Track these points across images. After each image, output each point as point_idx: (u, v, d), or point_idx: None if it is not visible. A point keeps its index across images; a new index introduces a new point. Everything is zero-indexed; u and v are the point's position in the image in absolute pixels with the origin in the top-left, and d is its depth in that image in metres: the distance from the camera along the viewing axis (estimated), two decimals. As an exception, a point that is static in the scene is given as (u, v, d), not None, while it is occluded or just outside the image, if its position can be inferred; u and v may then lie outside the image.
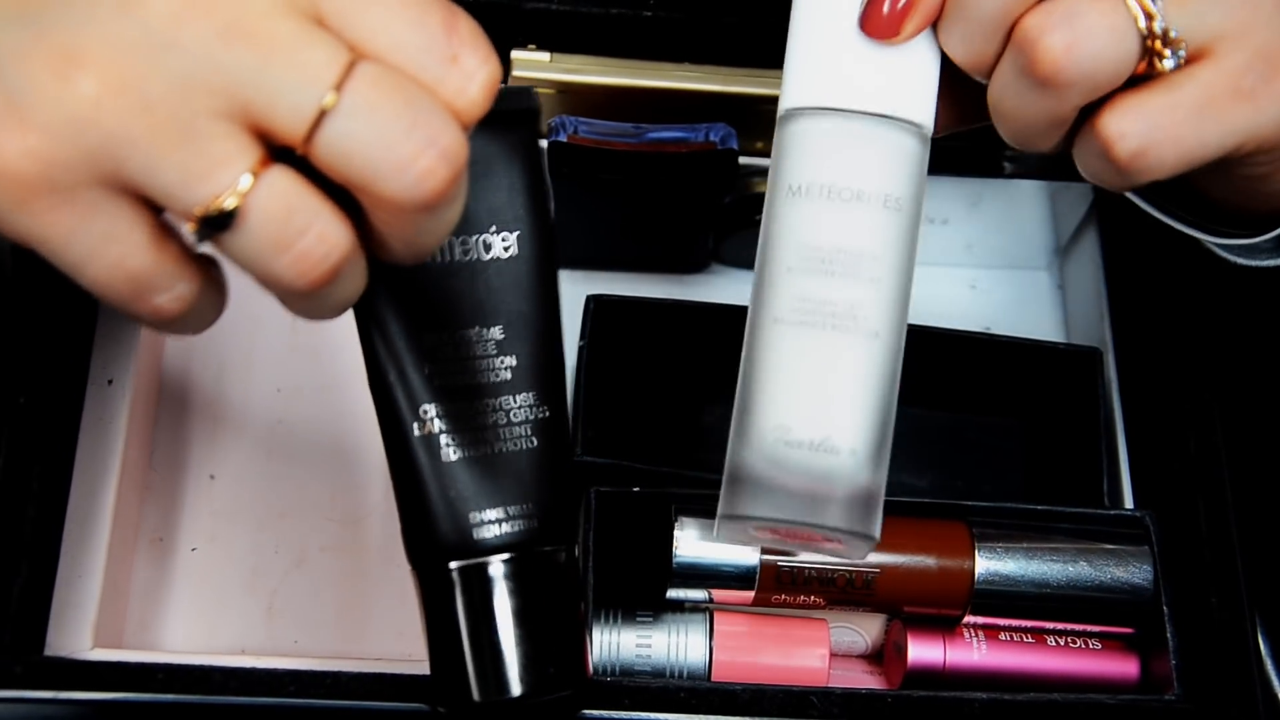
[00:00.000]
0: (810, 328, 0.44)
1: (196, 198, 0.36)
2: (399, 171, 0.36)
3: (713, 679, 0.53)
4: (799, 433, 0.43)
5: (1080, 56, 0.42)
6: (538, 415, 0.47)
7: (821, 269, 0.44)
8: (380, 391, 0.47)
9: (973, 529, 0.54)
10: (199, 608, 0.59)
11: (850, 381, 0.44)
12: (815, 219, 0.44)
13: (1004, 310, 0.68)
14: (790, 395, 0.44)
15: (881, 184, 0.44)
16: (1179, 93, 0.43)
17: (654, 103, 0.60)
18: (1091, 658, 0.55)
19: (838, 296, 0.43)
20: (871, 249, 0.44)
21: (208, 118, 0.36)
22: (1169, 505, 0.57)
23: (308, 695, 0.50)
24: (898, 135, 0.44)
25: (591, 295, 0.59)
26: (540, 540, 0.47)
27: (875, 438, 0.44)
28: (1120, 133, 0.43)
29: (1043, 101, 0.43)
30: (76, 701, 0.49)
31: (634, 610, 0.54)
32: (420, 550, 0.47)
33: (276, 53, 0.35)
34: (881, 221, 0.44)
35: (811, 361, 0.44)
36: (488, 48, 0.38)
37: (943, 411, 0.64)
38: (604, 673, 0.53)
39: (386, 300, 0.46)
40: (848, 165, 0.44)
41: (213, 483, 0.61)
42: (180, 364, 0.63)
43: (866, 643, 0.57)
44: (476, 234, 0.46)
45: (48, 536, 0.54)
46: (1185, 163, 0.44)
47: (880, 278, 0.44)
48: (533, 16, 0.61)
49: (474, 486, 0.46)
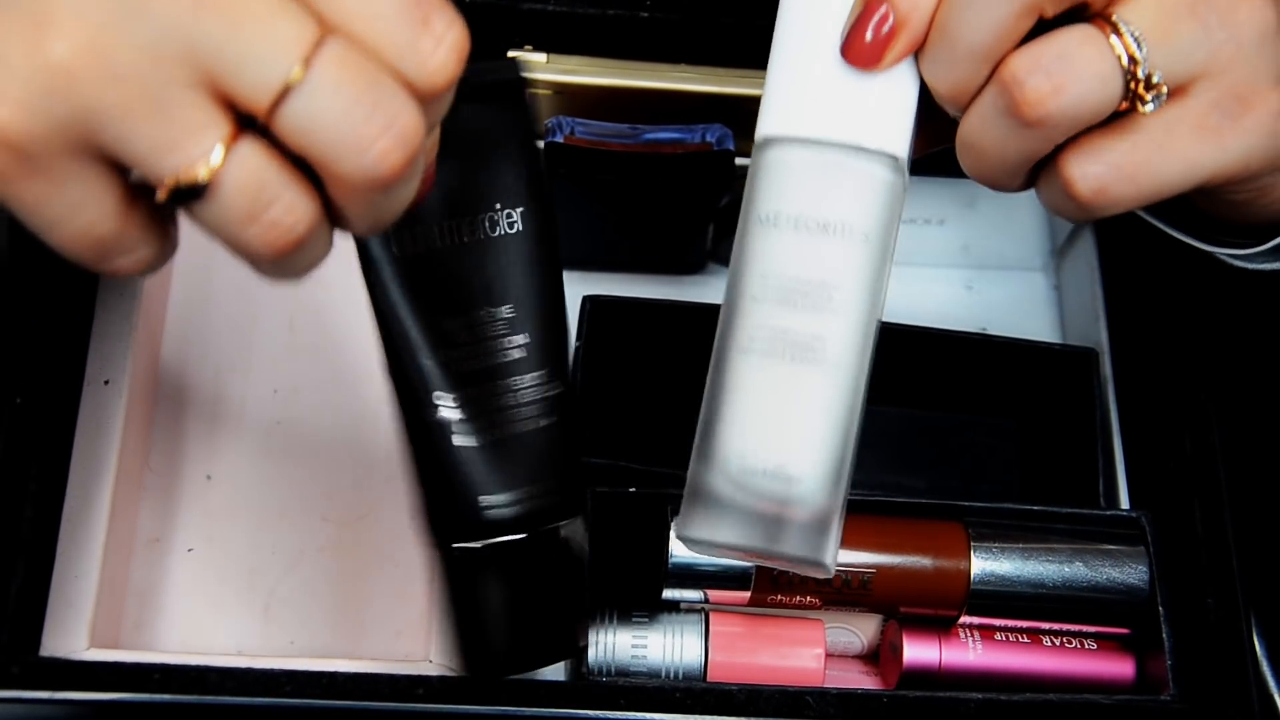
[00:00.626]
0: (770, 357, 0.44)
1: (168, 167, 0.36)
2: (357, 152, 0.36)
3: (708, 679, 0.53)
4: (755, 460, 0.44)
5: (1065, 101, 0.42)
6: (549, 392, 0.47)
7: (785, 299, 0.44)
8: (399, 381, 0.47)
9: (969, 529, 0.54)
10: (196, 608, 0.59)
11: (808, 411, 0.44)
12: (783, 249, 0.44)
13: (1000, 311, 0.68)
14: (749, 422, 0.44)
15: (848, 216, 0.44)
16: (1142, 134, 0.43)
17: (650, 104, 0.60)
18: (1087, 658, 0.55)
19: (800, 327, 0.44)
20: (834, 280, 0.44)
21: (179, 87, 0.36)
22: (1165, 506, 0.57)
23: (304, 695, 0.50)
24: (869, 166, 0.44)
25: (587, 296, 0.59)
26: (557, 514, 0.48)
27: (832, 467, 0.44)
28: (1081, 174, 0.43)
29: (1021, 141, 0.43)
30: (73, 702, 0.49)
31: (629, 611, 0.54)
32: (442, 531, 0.47)
33: (245, 24, 0.35)
34: (848, 253, 0.44)
35: (771, 390, 0.44)
36: (454, 11, 0.38)
37: (939, 412, 0.64)
38: (599, 673, 0.53)
39: (400, 288, 0.46)
40: (818, 197, 0.44)
41: (210, 483, 0.61)
42: (177, 364, 0.63)
43: (862, 643, 0.57)
44: (482, 213, 0.46)
45: (44, 537, 0.54)
46: (1146, 199, 0.44)
47: (842, 309, 0.44)
48: (529, 17, 0.61)
49: (493, 466, 0.47)
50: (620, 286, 0.63)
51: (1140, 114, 0.43)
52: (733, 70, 0.61)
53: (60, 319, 0.56)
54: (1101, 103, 0.42)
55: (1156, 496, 0.59)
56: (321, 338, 0.64)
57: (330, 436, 0.62)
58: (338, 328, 0.48)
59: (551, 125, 0.59)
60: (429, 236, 0.46)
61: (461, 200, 0.42)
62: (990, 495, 0.62)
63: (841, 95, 0.44)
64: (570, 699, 0.50)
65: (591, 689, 0.50)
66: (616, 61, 0.60)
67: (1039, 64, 0.42)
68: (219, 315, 0.64)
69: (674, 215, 0.63)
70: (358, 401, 0.49)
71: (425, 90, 0.37)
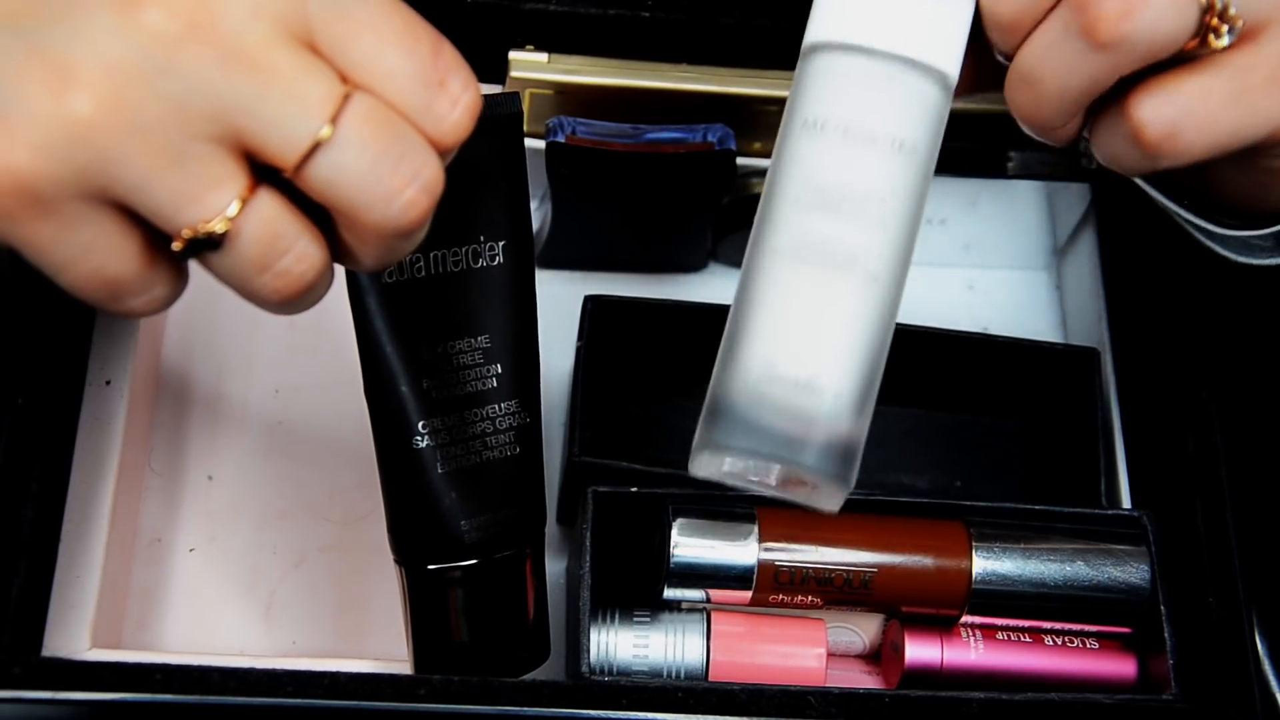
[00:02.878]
0: (808, 264, 0.42)
1: (186, 220, 0.36)
2: (384, 202, 0.37)
3: (710, 679, 0.53)
4: (784, 369, 0.42)
5: (1139, 22, 0.41)
6: (520, 422, 0.49)
7: (827, 206, 0.42)
8: (379, 406, 0.48)
9: (970, 529, 0.54)
10: (197, 608, 0.59)
11: (842, 323, 0.42)
12: (826, 155, 0.43)
13: (1002, 310, 0.68)
14: (779, 330, 0.42)
15: (897, 128, 0.43)
16: (1215, 77, 0.43)
17: (652, 103, 0.60)
18: (1089, 657, 0.55)
19: (840, 235, 0.42)
20: (880, 191, 0.42)
21: (201, 142, 0.36)
22: (1167, 505, 0.57)
23: (306, 695, 0.50)
24: (919, 81, 0.43)
25: (589, 296, 0.59)
26: (521, 539, 0.50)
27: (862, 383, 0.42)
28: (1154, 116, 0.43)
29: (1088, 67, 0.42)
30: (74, 702, 0.49)
31: (631, 610, 0.54)
32: (412, 552, 0.49)
33: (275, 83, 0.36)
34: (893, 165, 0.43)
35: (805, 298, 0.42)
36: (470, 72, 0.39)
37: (941, 412, 0.64)
38: (601, 672, 0.53)
39: (383, 317, 0.47)
40: (865, 105, 0.43)
41: (211, 483, 0.61)
42: (179, 364, 0.63)
43: (864, 642, 0.57)
44: (467, 244, 0.47)
45: (46, 537, 0.54)
46: (1214, 149, 0.44)
47: (885, 222, 0.42)
48: (531, 17, 0.61)
49: (465, 493, 0.48)
50: (621, 286, 0.63)
51: (1214, 56, 0.42)
52: (734, 70, 0.61)
53: (62, 320, 0.56)
54: (1177, 29, 0.42)
55: (1159, 496, 0.59)
56: (323, 338, 0.64)
57: (332, 436, 0.62)
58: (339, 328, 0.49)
59: (553, 125, 0.59)
60: (415, 265, 0.47)
61: (449, 230, 0.44)
62: (992, 495, 0.62)
63: (896, 6, 0.43)
64: (572, 699, 0.50)
65: (593, 689, 0.50)
66: (618, 61, 0.60)
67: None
68: (220, 315, 0.64)
69: (675, 215, 0.63)
70: (359, 401, 0.49)
71: (438, 148, 0.38)
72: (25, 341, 0.54)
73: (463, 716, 0.50)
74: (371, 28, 0.37)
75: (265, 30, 0.36)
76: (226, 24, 0.36)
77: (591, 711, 0.50)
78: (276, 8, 0.36)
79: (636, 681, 0.51)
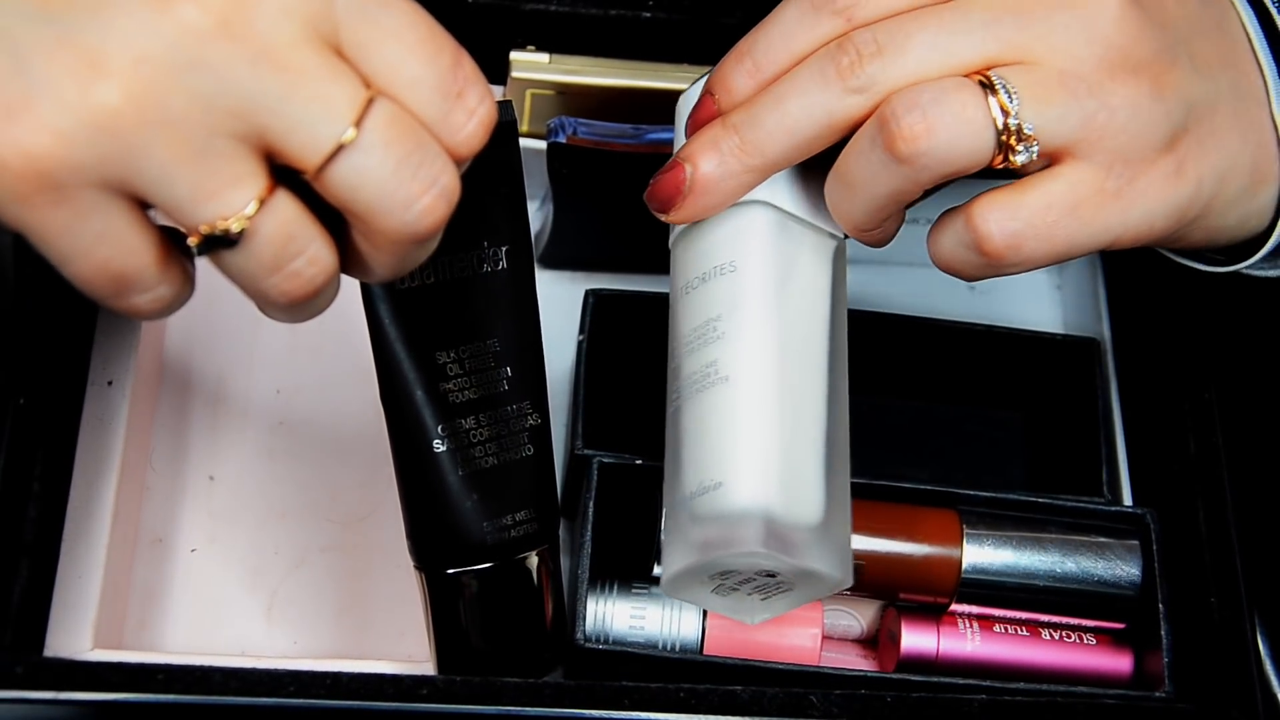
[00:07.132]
0: (692, 399, 0.47)
1: (204, 216, 0.37)
2: (404, 207, 0.38)
3: (704, 653, 0.54)
4: (701, 484, 0.46)
5: (935, 140, 0.44)
6: (533, 423, 0.49)
7: (692, 350, 0.47)
8: (397, 412, 0.48)
9: (962, 517, 0.54)
10: (199, 608, 0.59)
11: (724, 428, 0.46)
12: (685, 311, 0.48)
13: (1002, 309, 0.68)
14: (691, 457, 0.46)
15: (724, 256, 0.47)
16: (1050, 193, 0.45)
17: (653, 104, 0.60)
18: (1085, 652, 0.55)
19: (702, 362, 0.47)
20: (719, 313, 0.47)
21: (224, 138, 0.36)
22: (1168, 504, 0.57)
23: (308, 696, 0.50)
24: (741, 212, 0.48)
25: (590, 290, 0.60)
26: (538, 541, 0.51)
27: (760, 467, 0.45)
28: (998, 228, 0.45)
29: (894, 177, 0.45)
30: (76, 702, 0.49)
31: (630, 582, 0.54)
32: (434, 557, 0.49)
33: (302, 84, 0.36)
34: (727, 289, 0.47)
35: (698, 423, 0.46)
36: (486, 86, 0.39)
37: (942, 404, 0.64)
38: (596, 641, 0.53)
39: (397, 324, 0.47)
40: (702, 254, 0.48)
41: (212, 483, 0.61)
42: (180, 365, 0.63)
43: (861, 627, 0.57)
44: (473, 250, 0.48)
45: (48, 537, 0.54)
46: (1056, 258, 0.46)
47: (726, 334, 0.46)
48: (532, 17, 0.62)
49: (486, 496, 0.49)
50: (622, 286, 0.62)
51: (1032, 172, 0.45)
52: (735, 70, 0.61)
53: (64, 320, 0.56)
54: (974, 148, 0.44)
55: (1160, 495, 0.59)
56: (324, 338, 0.64)
57: (333, 437, 0.62)
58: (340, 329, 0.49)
59: (554, 126, 0.59)
60: (425, 272, 0.48)
61: (456, 237, 0.44)
62: (995, 487, 0.62)
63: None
64: (574, 699, 0.50)
65: (595, 689, 0.50)
66: (619, 61, 0.60)
67: (916, 103, 0.44)
68: (222, 316, 0.64)
69: (676, 215, 0.63)
70: (361, 402, 0.50)
71: (453, 157, 0.39)
72: (27, 341, 0.54)
73: (464, 716, 0.50)
74: (396, 35, 0.38)
75: (295, 31, 0.36)
76: (258, 23, 0.36)
77: (592, 711, 0.50)
78: (306, 10, 0.37)
79: (639, 683, 0.51)
